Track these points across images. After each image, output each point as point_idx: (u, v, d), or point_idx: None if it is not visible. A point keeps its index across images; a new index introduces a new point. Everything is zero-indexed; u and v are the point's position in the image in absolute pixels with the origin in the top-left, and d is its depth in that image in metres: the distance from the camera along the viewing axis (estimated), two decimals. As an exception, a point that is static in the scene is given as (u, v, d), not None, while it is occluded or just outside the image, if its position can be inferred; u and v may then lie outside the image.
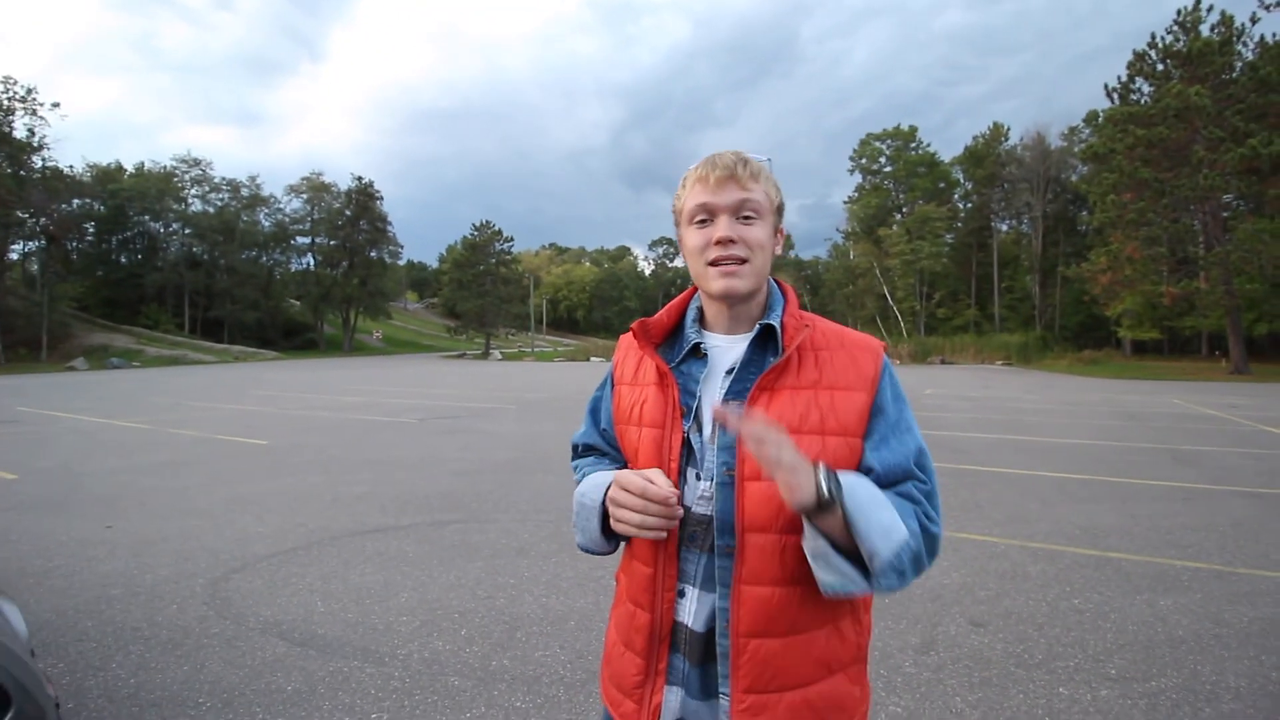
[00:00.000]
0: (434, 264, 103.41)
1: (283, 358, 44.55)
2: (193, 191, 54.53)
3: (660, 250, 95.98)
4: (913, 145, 53.87)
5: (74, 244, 48.94)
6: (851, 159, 56.49)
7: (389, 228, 59.90)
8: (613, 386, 1.10)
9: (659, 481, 0.87)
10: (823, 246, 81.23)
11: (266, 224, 57.34)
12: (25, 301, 40.54)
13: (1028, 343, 37.01)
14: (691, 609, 0.93)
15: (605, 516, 0.96)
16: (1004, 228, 50.92)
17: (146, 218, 52.73)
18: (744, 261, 0.91)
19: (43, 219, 41.05)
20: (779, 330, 0.93)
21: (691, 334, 0.99)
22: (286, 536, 4.41)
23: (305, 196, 58.05)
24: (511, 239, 53.78)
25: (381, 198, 58.73)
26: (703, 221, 0.94)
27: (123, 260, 53.33)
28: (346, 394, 16.58)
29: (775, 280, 1.02)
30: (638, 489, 0.87)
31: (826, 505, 0.77)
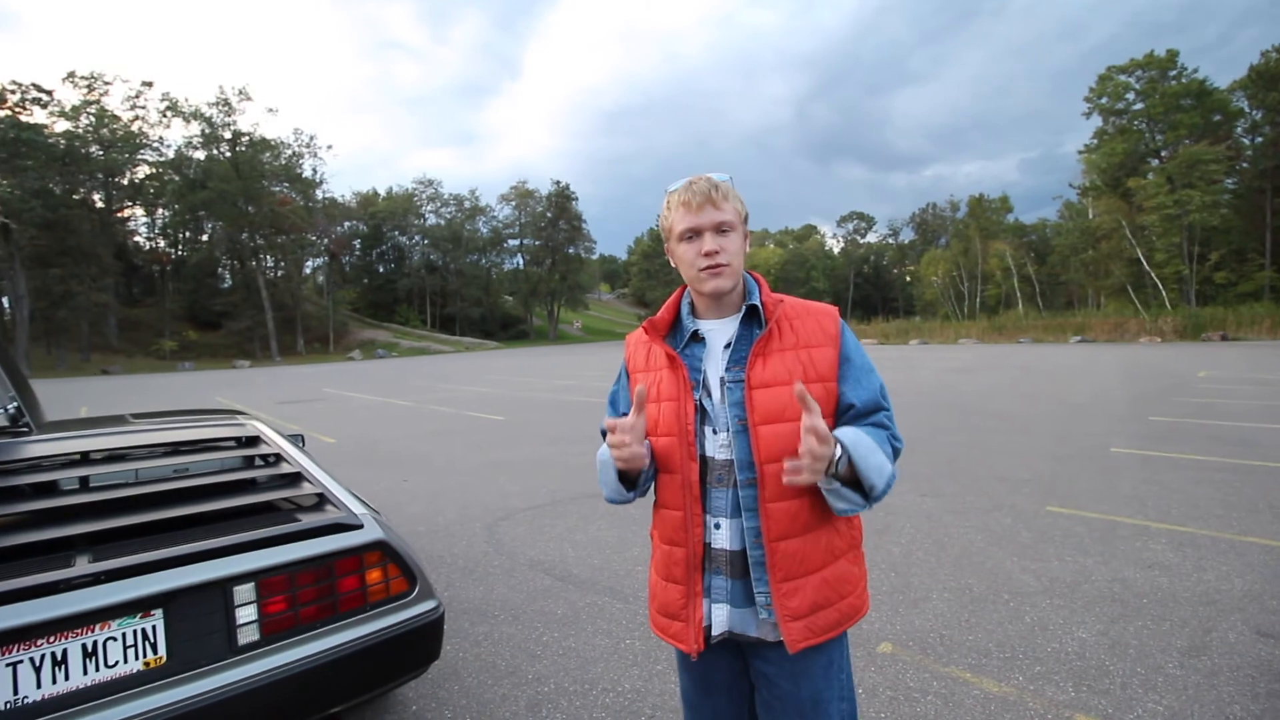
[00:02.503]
0: (623, 256, 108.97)
1: (501, 347, 50.50)
2: (428, 208, 63.92)
3: (851, 226, 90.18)
4: (1172, 74, 43.57)
5: (347, 259, 60.29)
6: (1088, 99, 47.55)
7: (584, 225, 64.54)
8: (628, 377, 1.37)
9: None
10: (1051, 206, 70.04)
11: (484, 230, 65.16)
12: (317, 306, 51.02)
13: (1358, 310, 28.44)
14: (727, 535, 1.19)
15: (617, 467, 1.23)
16: (1317, 163, 39.37)
17: (396, 233, 63.04)
18: (726, 265, 1.19)
19: (325, 240, 51.23)
20: (761, 309, 1.22)
21: (689, 324, 1.28)
22: (535, 495, 5.22)
23: (514, 203, 64.85)
24: (696, 227, 54.75)
25: (576, 198, 63.46)
26: (691, 238, 1.20)
27: (380, 269, 64.41)
28: (557, 378, 18.44)
29: (747, 272, 1.30)
30: (613, 426, 1.15)
31: (837, 466, 1.07)
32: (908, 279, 73.63)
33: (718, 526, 1.20)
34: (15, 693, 1.39)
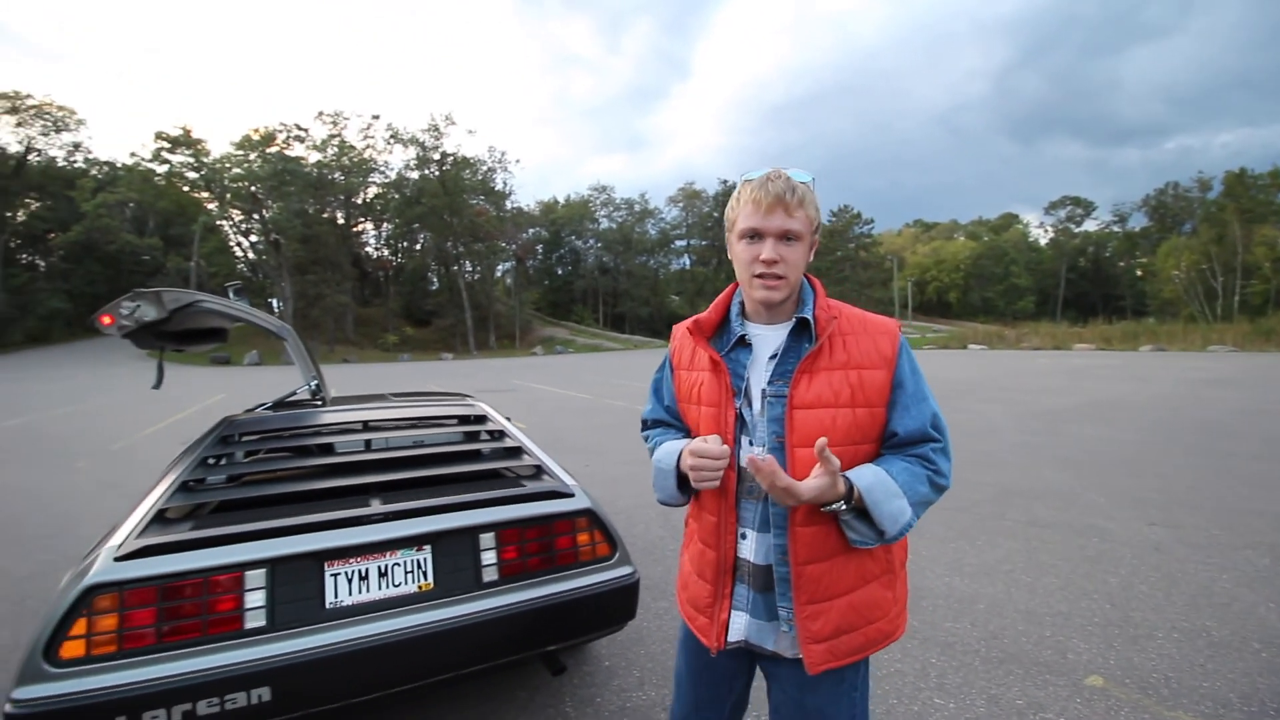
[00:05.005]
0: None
1: (668, 345, 51.91)
2: (601, 213, 67.70)
3: (1062, 213, 78.16)
4: None
5: (531, 262, 65.92)
6: None
7: (751, 223, 64.04)
8: (672, 371, 1.36)
9: (713, 442, 1.13)
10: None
11: (653, 233, 67.44)
12: (506, 306, 56.44)
13: None
14: (752, 547, 1.17)
15: (678, 476, 1.23)
16: None
17: (573, 237, 67.63)
18: (782, 278, 1.12)
19: (513, 245, 56.48)
20: (813, 322, 1.14)
21: (737, 327, 1.22)
22: (705, 488, 5.42)
23: (681, 205, 66.34)
24: (871, 220, 52.20)
25: (744, 196, 63.18)
26: (752, 239, 1.13)
27: (559, 272, 69.51)
28: (723, 377, 18.58)
29: (805, 276, 1.21)
30: (700, 451, 1.11)
31: (840, 509, 1.06)
32: (1138, 273, 62.68)
33: (744, 537, 1.19)
34: (335, 596, 1.85)
